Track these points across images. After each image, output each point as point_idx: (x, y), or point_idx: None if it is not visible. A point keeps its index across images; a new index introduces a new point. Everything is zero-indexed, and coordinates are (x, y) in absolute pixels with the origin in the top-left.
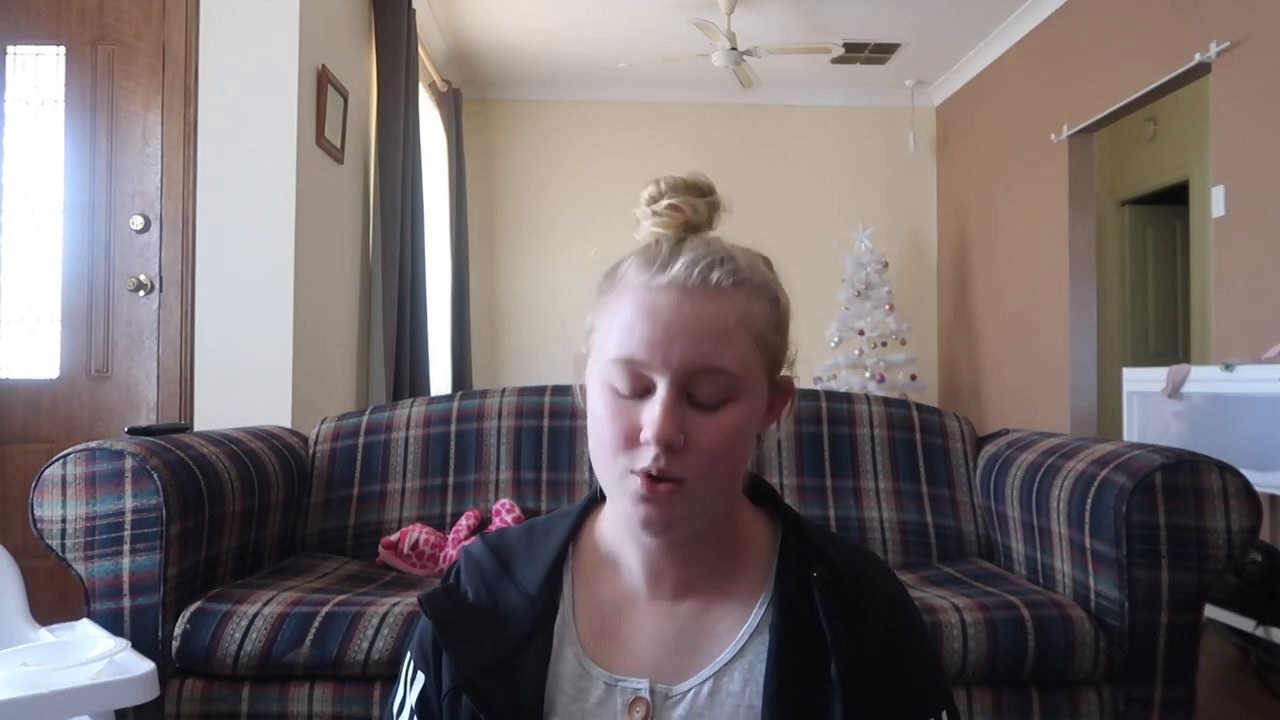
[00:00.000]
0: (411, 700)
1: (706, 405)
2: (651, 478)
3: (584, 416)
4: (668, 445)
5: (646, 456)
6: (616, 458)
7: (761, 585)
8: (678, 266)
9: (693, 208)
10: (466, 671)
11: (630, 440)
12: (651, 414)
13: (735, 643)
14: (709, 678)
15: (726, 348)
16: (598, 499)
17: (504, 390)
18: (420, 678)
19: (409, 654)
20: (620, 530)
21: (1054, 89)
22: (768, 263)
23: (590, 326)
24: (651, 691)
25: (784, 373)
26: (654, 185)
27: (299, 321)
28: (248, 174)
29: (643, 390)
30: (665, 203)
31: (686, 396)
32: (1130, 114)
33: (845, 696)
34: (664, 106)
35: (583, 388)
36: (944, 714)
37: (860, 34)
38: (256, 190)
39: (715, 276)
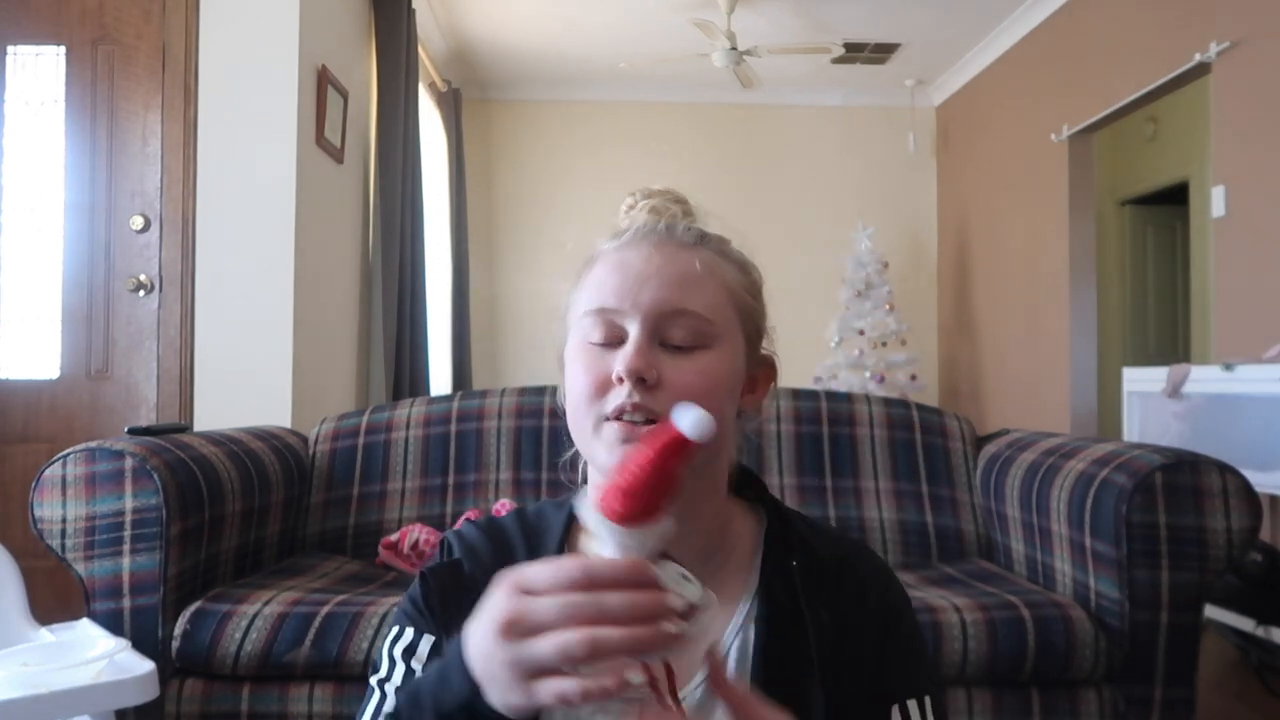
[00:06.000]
0: (419, 662)
1: (680, 349)
2: (628, 421)
3: None
4: (639, 377)
5: (619, 395)
6: (590, 406)
7: (747, 580)
8: (644, 222)
9: (669, 211)
10: None
11: (602, 386)
12: (624, 353)
13: (723, 642)
14: (701, 682)
15: (696, 292)
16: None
17: (504, 390)
18: (425, 639)
19: (395, 628)
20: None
21: (1054, 89)
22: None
23: (565, 309)
24: None
25: (765, 350)
26: (631, 197)
27: (299, 321)
28: (248, 174)
29: (616, 340)
30: (642, 203)
31: (659, 343)
32: (1130, 114)
33: (823, 680)
34: (664, 106)
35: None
36: (926, 699)
37: (860, 34)
38: (256, 190)
39: (680, 230)
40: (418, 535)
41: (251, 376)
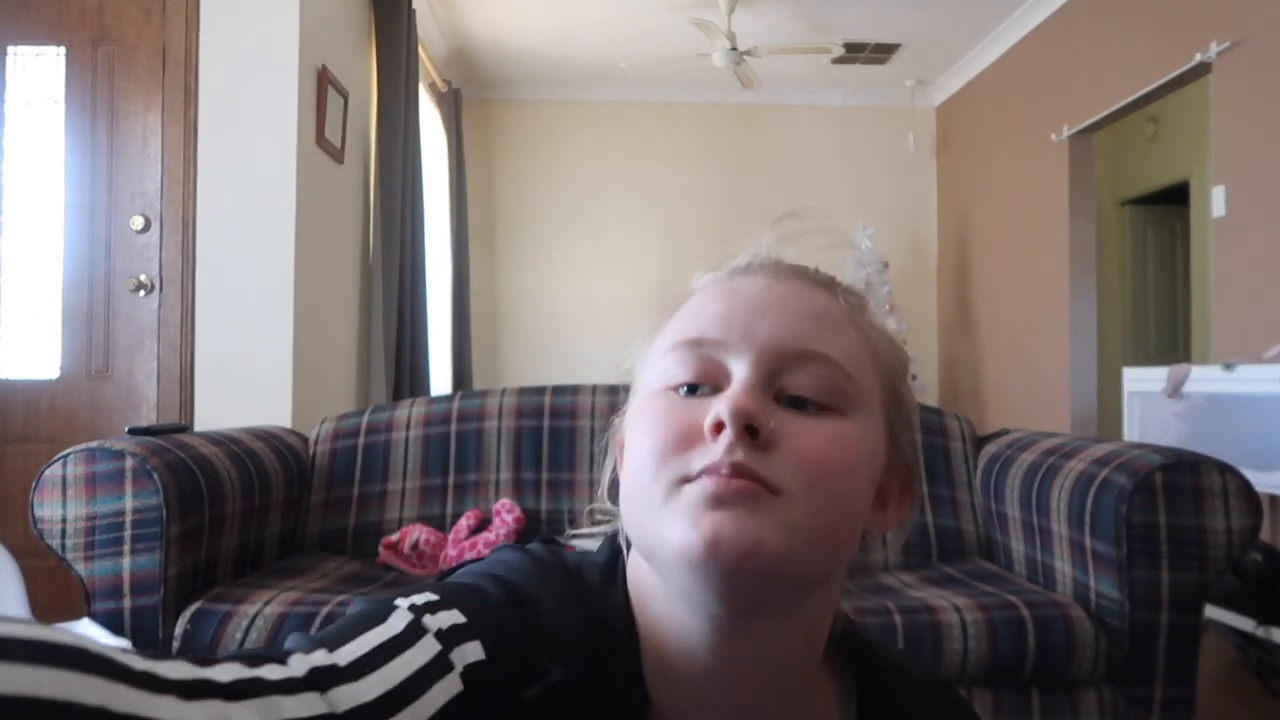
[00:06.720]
0: (461, 660)
1: (804, 407)
2: (724, 475)
3: (586, 416)
4: (748, 423)
5: (712, 451)
6: (662, 466)
7: None
8: (764, 251)
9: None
10: None
11: (685, 439)
12: (728, 393)
13: None
14: None
15: (833, 335)
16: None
17: (504, 390)
18: (473, 645)
19: (435, 597)
20: (659, 665)
21: (1054, 89)
22: None
23: (632, 370)
24: None
25: (904, 460)
26: None
27: (299, 321)
28: (248, 174)
29: (711, 383)
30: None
31: (775, 395)
32: (1130, 114)
33: None
34: (664, 106)
35: (615, 482)
36: None
37: (860, 34)
38: (256, 190)
39: (813, 269)
40: (418, 535)
41: (251, 377)
